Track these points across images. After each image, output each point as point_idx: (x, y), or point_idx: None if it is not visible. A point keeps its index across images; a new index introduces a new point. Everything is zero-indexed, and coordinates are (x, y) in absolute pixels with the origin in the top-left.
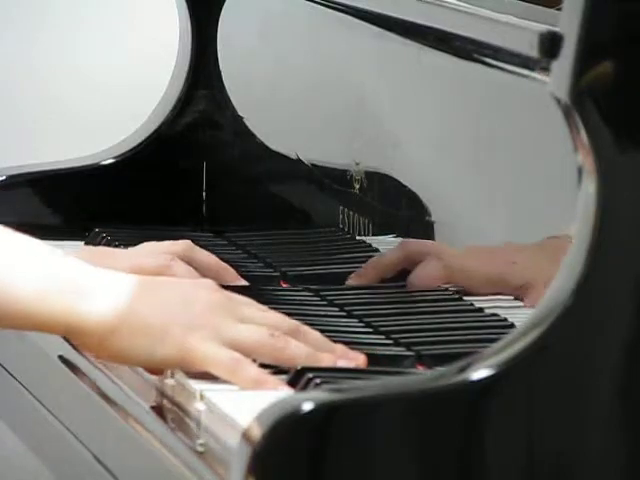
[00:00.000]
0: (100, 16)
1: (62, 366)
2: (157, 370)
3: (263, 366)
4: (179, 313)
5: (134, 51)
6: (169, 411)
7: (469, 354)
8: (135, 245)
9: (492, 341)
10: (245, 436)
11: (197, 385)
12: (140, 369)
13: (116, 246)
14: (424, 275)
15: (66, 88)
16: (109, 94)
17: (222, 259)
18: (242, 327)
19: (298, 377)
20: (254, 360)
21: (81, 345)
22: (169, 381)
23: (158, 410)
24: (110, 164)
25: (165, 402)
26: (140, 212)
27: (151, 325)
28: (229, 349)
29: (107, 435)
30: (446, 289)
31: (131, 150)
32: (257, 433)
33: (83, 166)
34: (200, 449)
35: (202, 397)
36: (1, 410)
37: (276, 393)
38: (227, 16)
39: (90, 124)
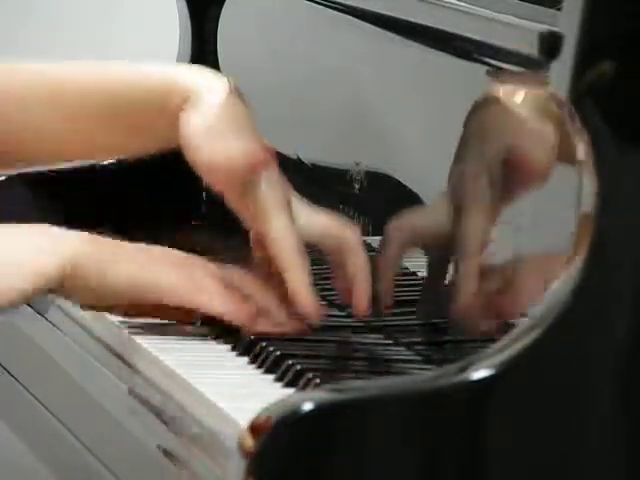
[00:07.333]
0: (100, 16)
1: (62, 366)
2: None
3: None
4: (133, 251)
5: (134, 51)
6: (172, 416)
7: (469, 354)
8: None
9: (492, 341)
10: (245, 436)
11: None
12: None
13: None
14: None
15: None
16: None
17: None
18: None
19: (298, 377)
20: None
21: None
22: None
23: (156, 411)
24: (110, 164)
25: (161, 399)
26: (140, 212)
27: (105, 260)
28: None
29: (107, 435)
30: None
31: None
32: (257, 433)
33: (83, 166)
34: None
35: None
36: (1, 410)
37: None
38: (227, 16)
39: None
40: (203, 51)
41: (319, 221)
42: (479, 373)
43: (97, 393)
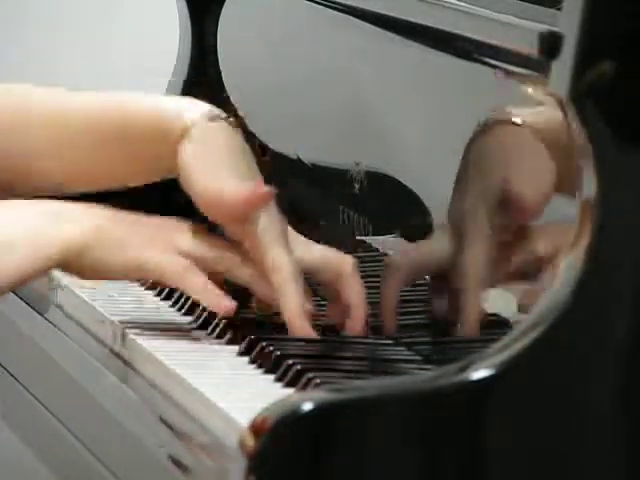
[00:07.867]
0: (100, 16)
1: (62, 366)
2: None
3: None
4: (139, 229)
5: (134, 51)
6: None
7: (468, 354)
8: None
9: (492, 341)
10: (245, 436)
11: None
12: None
13: None
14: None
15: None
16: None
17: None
18: (196, 239)
19: (298, 377)
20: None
21: (63, 268)
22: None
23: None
24: None
25: (165, 404)
26: (140, 212)
27: (115, 239)
28: (181, 257)
29: (107, 435)
30: None
31: None
32: (257, 433)
33: None
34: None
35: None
36: (1, 410)
37: (260, 386)
38: (227, 16)
39: None
40: (203, 51)
41: (315, 253)
42: (479, 373)
43: (97, 393)
